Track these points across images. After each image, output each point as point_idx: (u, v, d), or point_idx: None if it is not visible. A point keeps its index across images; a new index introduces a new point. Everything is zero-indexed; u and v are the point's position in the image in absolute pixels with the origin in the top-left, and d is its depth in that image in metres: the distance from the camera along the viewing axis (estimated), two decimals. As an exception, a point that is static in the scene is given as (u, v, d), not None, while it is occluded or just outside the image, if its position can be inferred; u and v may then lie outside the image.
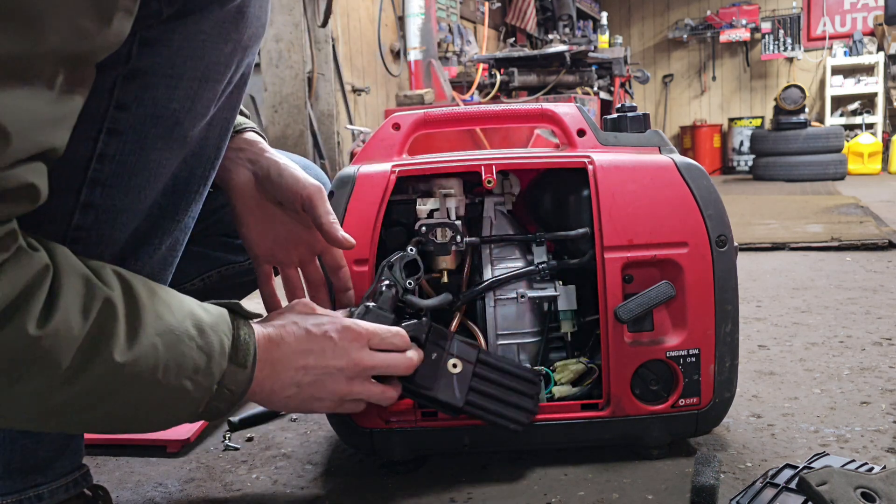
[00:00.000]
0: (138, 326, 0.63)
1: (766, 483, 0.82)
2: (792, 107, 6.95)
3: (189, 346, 0.67)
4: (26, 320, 0.55)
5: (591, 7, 8.23)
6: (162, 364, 0.64)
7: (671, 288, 0.93)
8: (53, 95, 0.54)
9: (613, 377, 0.96)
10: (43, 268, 0.57)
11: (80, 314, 0.59)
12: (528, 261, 1.01)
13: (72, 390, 0.60)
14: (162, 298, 0.67)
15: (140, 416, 0.67)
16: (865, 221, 3.43)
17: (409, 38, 4.81)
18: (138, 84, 0.65)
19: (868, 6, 8.29)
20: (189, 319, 0.68)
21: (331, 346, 0.79)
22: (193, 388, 0.68)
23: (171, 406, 0.68)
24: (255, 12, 0.71)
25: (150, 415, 0.68)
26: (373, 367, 0.82)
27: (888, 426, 1.11)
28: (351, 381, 0.81)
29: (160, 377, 0.64)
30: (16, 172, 0.53)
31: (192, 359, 0.67)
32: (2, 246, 0.54)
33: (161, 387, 0.65)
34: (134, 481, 1.05)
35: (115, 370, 0.61)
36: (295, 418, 1.26)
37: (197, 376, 0.67)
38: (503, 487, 0.96)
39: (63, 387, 0.59)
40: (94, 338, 0.59)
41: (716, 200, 0.95)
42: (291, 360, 0.77)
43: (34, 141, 0.53)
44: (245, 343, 0.73)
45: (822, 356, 1.48)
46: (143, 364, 0.63)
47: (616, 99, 5.29)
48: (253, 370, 0.73)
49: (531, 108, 1.05)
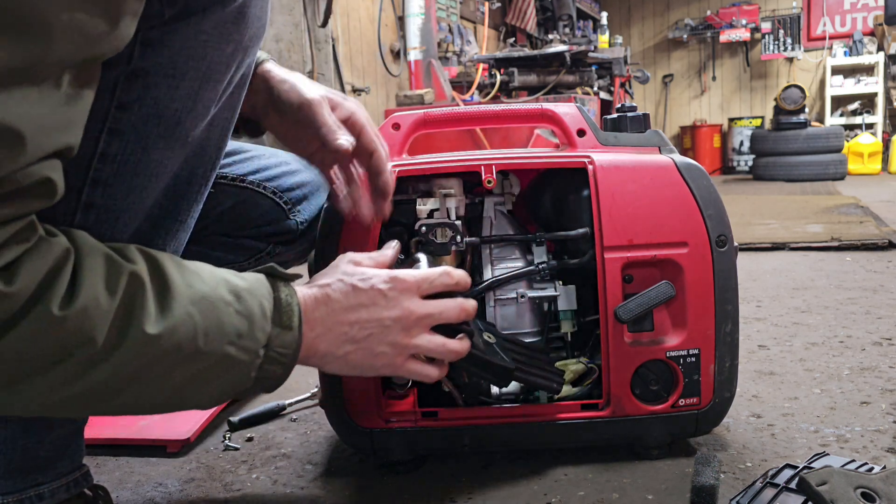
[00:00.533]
0: (169, 297, 0.62)
1: (766, 483, 0.82)
2: (792, 107, 6.95)
3: (226, 311, 0.65)
4: (51, 303, 0.55)
5: (591, 7, 8.23)
6: (201, 332, 0.63)
7: (671, 288, 0.93)
8: (64, 97, 0.54)
9: (613, 377, 0.96)
10: (64, 251, 0.57)
11: (105, 290, 0.58)
12: (528, 261, 1.01)
13: (112, 367, 0.59)
14: (191, 269, 0.66)
15: (191, 389, 0.66)
16: (865, 221, 3.43)
17: (409, 38, 4.81)
18: (140, 84, 0.65)
19: (868, 6, 8.29)
20: (223, 286, 0.67)
21: (381, 297, 0.77)
22: (239, 354, 0.66)
23: (220, 376, 0.66)
24: (255, 13, 0.71)
25: (200, 387, 0.67)
26: (427, 314, 0.79)
27: (888, 426, 1.11)
28: (408, 331, 0.78)
29: (201, 345, 0.63)
30: (33, 169, 0.53)
31: (231, 324, 0.65)
32: (22, 238, 0.55)
33: (204, 356, 0.64)
34: (134, 481, 1.05)
35: (151, 342, 0.60)
36: (295, 418, 1.26)
37: (241, 341, 0.66)
38: (503, 487, 0.96)
39: (102, 364, 0.59)
40: (125, 312, 0.59)
41: (716, 200, 0.95)
42: (341, 317, 0.75)
43: (48, 141, 0.54)
44: (287, 304, 0.71)
45: (822, 356, 1.48)
46: (181, 334, 0.62)
47: (616, 99, 5.29)
48: (300, 331, 0.71)
49: (531, 108, 1.05)
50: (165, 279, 0.63)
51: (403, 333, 0.78)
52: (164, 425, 1.18)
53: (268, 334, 0.68)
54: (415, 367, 0.81)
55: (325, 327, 0.74)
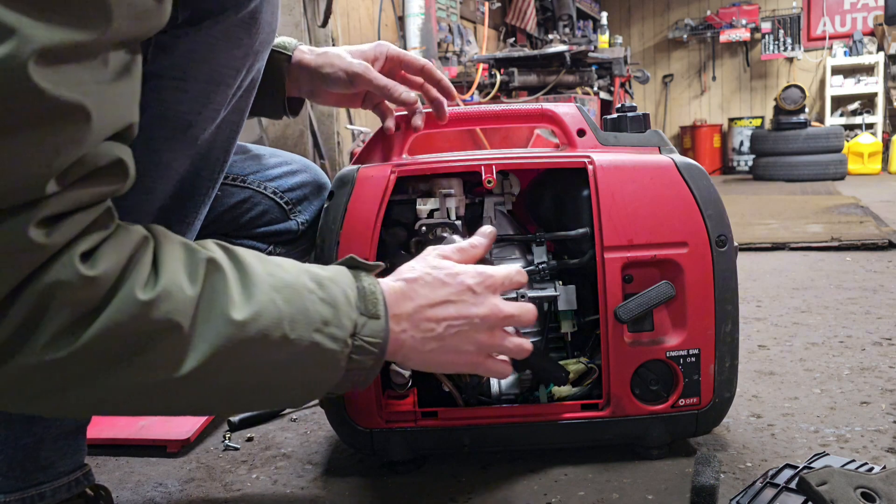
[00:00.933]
0: (250, 283, 0.61)
1: (766, 483, 0.82)
2: (792, 107, 6.95)
3: (310, 298, 0.64)
4: (135, 288, 0.54)
5: (591, 7, 8.22)
6: (286, 319, 0.61)
7: (671, 288, 0.93)
8: (120, 74, 0.53)
9: (613, 377, 0.96)
10: (142, 238, 0.57)
11: (187, 277, 0.57)
12: (528, 261, 1.01)
13: (201, 355, 0.57)
14: (269, 259, 0.65)
15: (282, 381, 0.64)
16: (865, 221, 3.43)
17: (409, 38, 4.81)
18: (149, 87, 0.65)
19: (868, 6, 8.29)
20: (305, 275, 0.65)
21: (470, 295, 0.75)
22: (327, 342, 0.64)
23: (310, 367, 0.65)
24: (266, 18, 0.71)
25: (291, 379, 0.65)
26: (511, 315, 0.77)
27: (888, 426, 1.11)
28: (493, 331, 0.77)
29: (288, 332, 0.61)
30: (104, 150, 0.53)
31: (317, 311, 0.64)
32: (101, 224, 0.54)
33: (292, 344, 0.62)
34: (134, 481, 1.05)
35: (237, 328, 0.58)
36: (295, 418, 1.26)
37: (328, 329, 0.64)
38: (503, 487, 0.96)
39: (190, 353, 0.57)
40: (208, 298, 0.58)
41: (716, 200, 0.95)
42: (428, 312, 0.73)
43: (113, 119, 0.53)
44: (371, 293, 0.69)
45: (822, 356, 1.48)
46: (266, 319, 0.60)
47: (616, 99, 5.29)
48: (387, 319, 0.69)
49: (531, 108, 1.05)
50: (245, 267, 0.62)
51: (488, 332, 0.76)
52: (164, 425, 1.19)
53: (354, 321, 0.66)
54: (495, 365, 0.79)
55: (411, 322, 0.72)
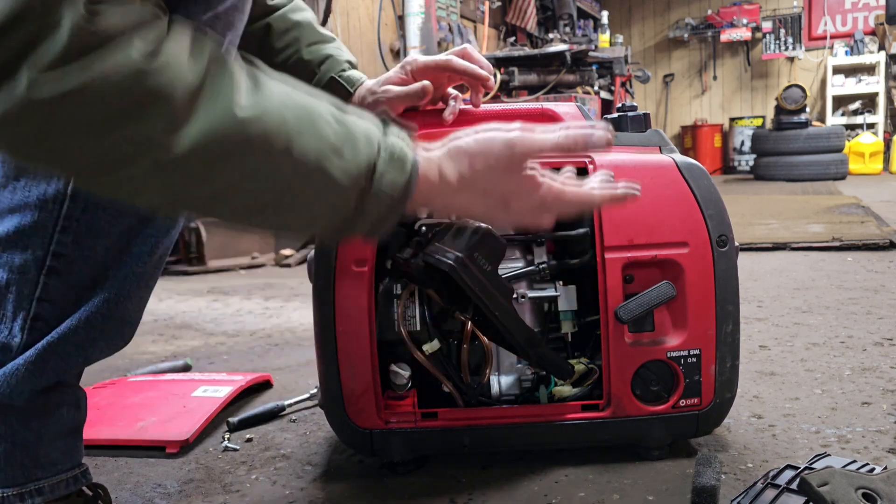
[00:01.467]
0: (259, 86, 0.56)
1: (768, 484, 0.82)
2: (793, 106, 6.95)
3: (326, 120, 0.59)
4: (132, 52, 0.50)
5: (592, 6, 8.22)
6: (293, 131, 0.56)
7: (672, 288, 0.92)
8: None
9: (614, 378, 0.95)
10: (153, 14, 0.53)
11: (190, 56, 0.53)
12: (528, 261, 1.01)
13: (197, 135, 0.53)
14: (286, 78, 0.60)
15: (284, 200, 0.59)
16: (866, 221, 3.43)
17: (409, 38, 4.81)
18: None
19: (869, 6, 8.29)
20: (324, 100, 0.61)
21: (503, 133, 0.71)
22: (335, 173, 0.58)
23: (315, 194, 0.59)
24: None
25: (294, 200, 0.59)
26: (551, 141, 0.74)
27: (889, 427, 1.11)
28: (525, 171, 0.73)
29: (293, 146, 0.56)
30: None
31: (328, 136, 0.58)
32: None
33: (296, 163, 0.57)
34: (133, 482, 1.05)
35: (236, 122, 0.54)
36: (294, 419, 1.26)
37: (339, 161, 0.58)
38: (503, 488, 0.96)
39: (180, 132, 0.52)
40: (208, 85, 0.53)
41: (716, 200, 0.95)
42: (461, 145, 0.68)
43: None
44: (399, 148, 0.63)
45: (824, 356, 1.47)
46: (269, 123, 0.55)
47: (616, 98, 5.28)
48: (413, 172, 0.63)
49: (531, 108, 1.05)
50: (256, 74, 0.57)
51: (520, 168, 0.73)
52: (164, 426, 1.18)
53: (371, 160, 0.61)
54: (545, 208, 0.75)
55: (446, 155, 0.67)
